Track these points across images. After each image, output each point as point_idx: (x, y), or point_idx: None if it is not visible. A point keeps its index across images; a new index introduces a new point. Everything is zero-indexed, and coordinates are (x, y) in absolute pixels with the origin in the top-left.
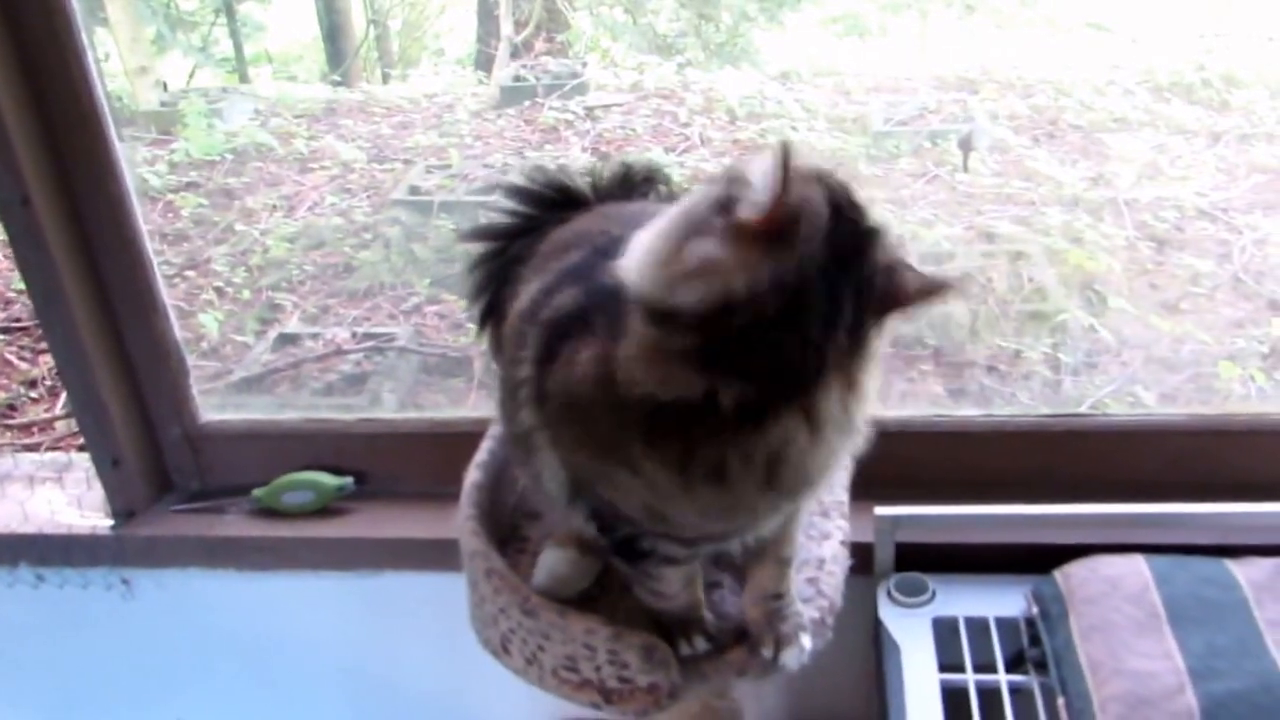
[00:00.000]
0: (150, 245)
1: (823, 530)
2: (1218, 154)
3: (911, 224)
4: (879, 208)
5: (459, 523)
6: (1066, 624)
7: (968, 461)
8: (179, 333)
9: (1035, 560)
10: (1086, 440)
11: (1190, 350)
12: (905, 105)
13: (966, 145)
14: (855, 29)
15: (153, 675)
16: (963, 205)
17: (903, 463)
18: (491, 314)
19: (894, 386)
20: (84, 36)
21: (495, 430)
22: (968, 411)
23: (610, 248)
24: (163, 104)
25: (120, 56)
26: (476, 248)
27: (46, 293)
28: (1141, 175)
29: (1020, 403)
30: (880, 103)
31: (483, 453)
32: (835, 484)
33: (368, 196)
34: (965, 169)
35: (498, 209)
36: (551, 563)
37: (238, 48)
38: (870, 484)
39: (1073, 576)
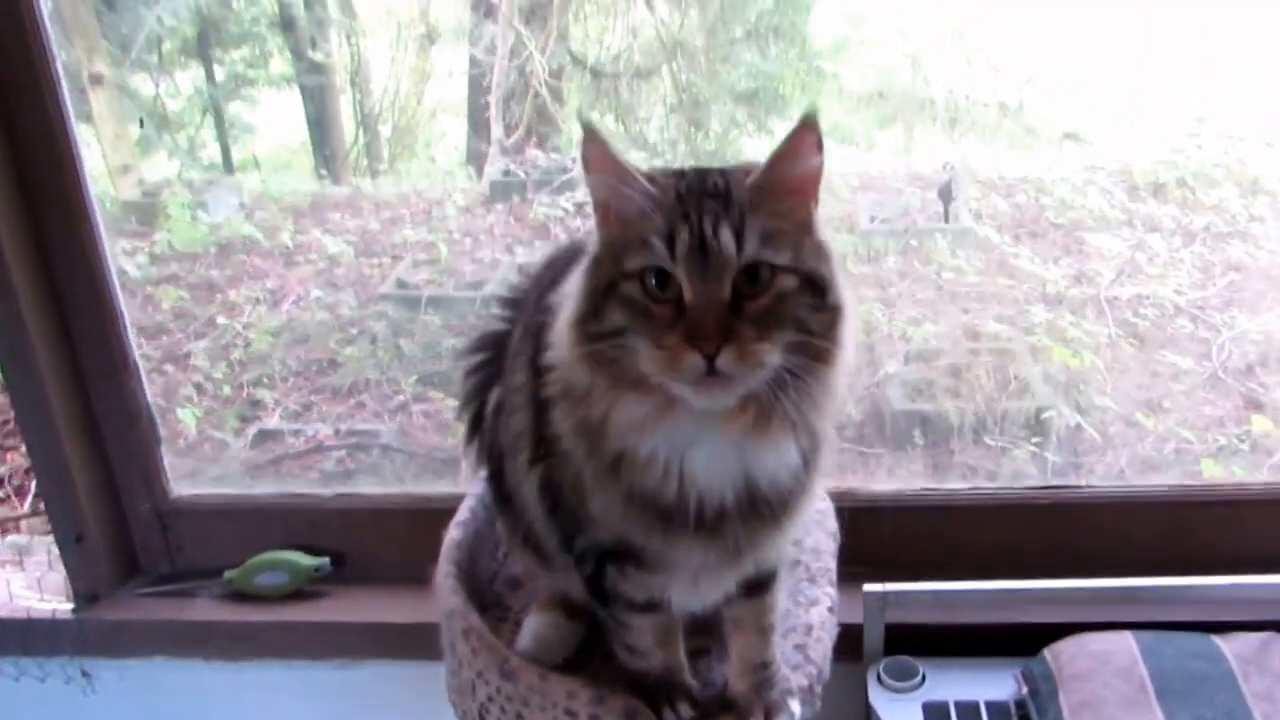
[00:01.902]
0: (122, 299)
1: (810, 596)
2: (1194, 252)
3: (900, 322)
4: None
5: (437, 579)
6: (1056, 702)
7: (956, 536)
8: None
9: (1025, 640)
10: (1073, 513)
11: (1174, 448)
12: (890, 205)
13: (946, 195)
14: (845, 139)
15: None
16: (949, 303)
17: (892, 539)
18: (479, 423)
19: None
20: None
21: (477, 489)
22: (955, 485)
23: None
24: (144, 194)
25: (103, 155)
26: (467, 359)
27: (11, 347)
28: (1121, 273)
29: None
30: (866, 201)
31: (463, 512)
32: (822, 550)
33: (354, 291)
34: (946, 219)
35: (489, 317)
36: (536, 627)
37: (225, 150)
38: (859, 561)
39: (1062, 654)
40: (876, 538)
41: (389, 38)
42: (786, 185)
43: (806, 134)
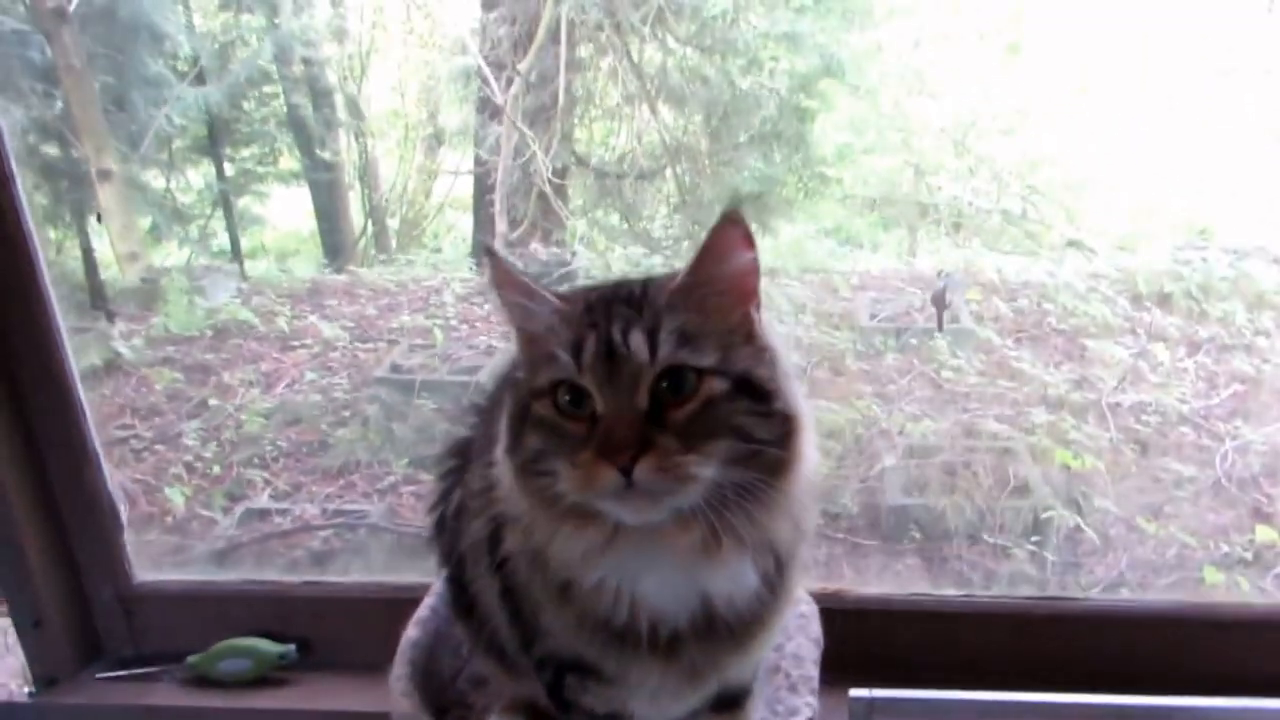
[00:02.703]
0: (83, 391)
1: (790, 706)
2: (1198, 362)
3: (899, 418)
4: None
5: (390, 682)
6: None
7: (948, 643)
8: (123, 493)
9: None
10: (1071, 625)
11: (1175, 553)
12: (891, 303)
13: (940, 301)
14: (848, 240)
15: None
16: (949, 403)
17: (881, 643)
18: (444, 524)
19: (876, 575)
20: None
21: (437, 587)
22: (949, 592)
23: None
24: (144, 280)
25: (111, 244)
26: (440, 465)
27: None
28: (1124, 380)
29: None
30: (866, 300)
31: (423, 609)
32: (803, 656)
33: (348, 375)
34: (940, 328)
35: (465, 425)
36: None
37: (234, 240)
38: (845, 666)
39: None
40: (864, 642)
41: (397, 137)
42: (715, 286)
43: (731, 229)
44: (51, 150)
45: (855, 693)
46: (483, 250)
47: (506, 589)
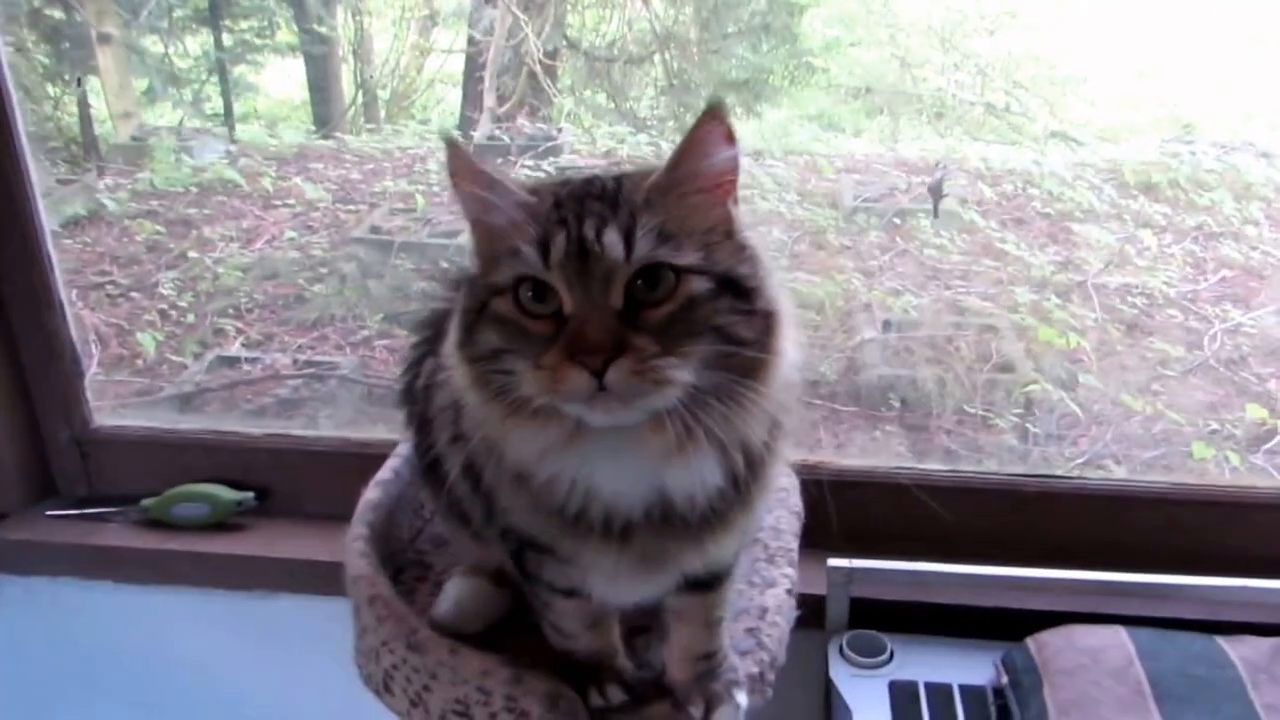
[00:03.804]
0: (50, 244)
1: (767, 578)
2: (1185, 248)
3: (879, 292)
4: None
5: (346, 542)
6: (1040, 696)
7: (932, 519)
8: (95, 336)
9: (1005, 626)
10: (1063, 503)
11: (1162, 429)
12: (875, 185)
13: (937, 191)
14: (831, 125)
15: (18, 691)
16: (931, 279)
17: (861, 516)
18: (413, 391)
19: (855, 443)
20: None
21: (403, 450)
22: (933, 466)
23: None
24: (134, 139)
25: (106, 101)
26: (413, 336)
27: None
28: (1109, 263)
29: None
30: (850, 181)
31: (386, 470)
32: (782, 529)
33: (328, 234)
34: (935, 214)
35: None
36: (457, 592)
37: (227, 105)
38: (825, 536)
39: (1047, 646)
40: (844, 514)
41: (393, 16)
42: (695, 184)
43: (713, 124)
44: (56, 14)
45: (834, 562)
46: (443, 139)
47: (469, 463)
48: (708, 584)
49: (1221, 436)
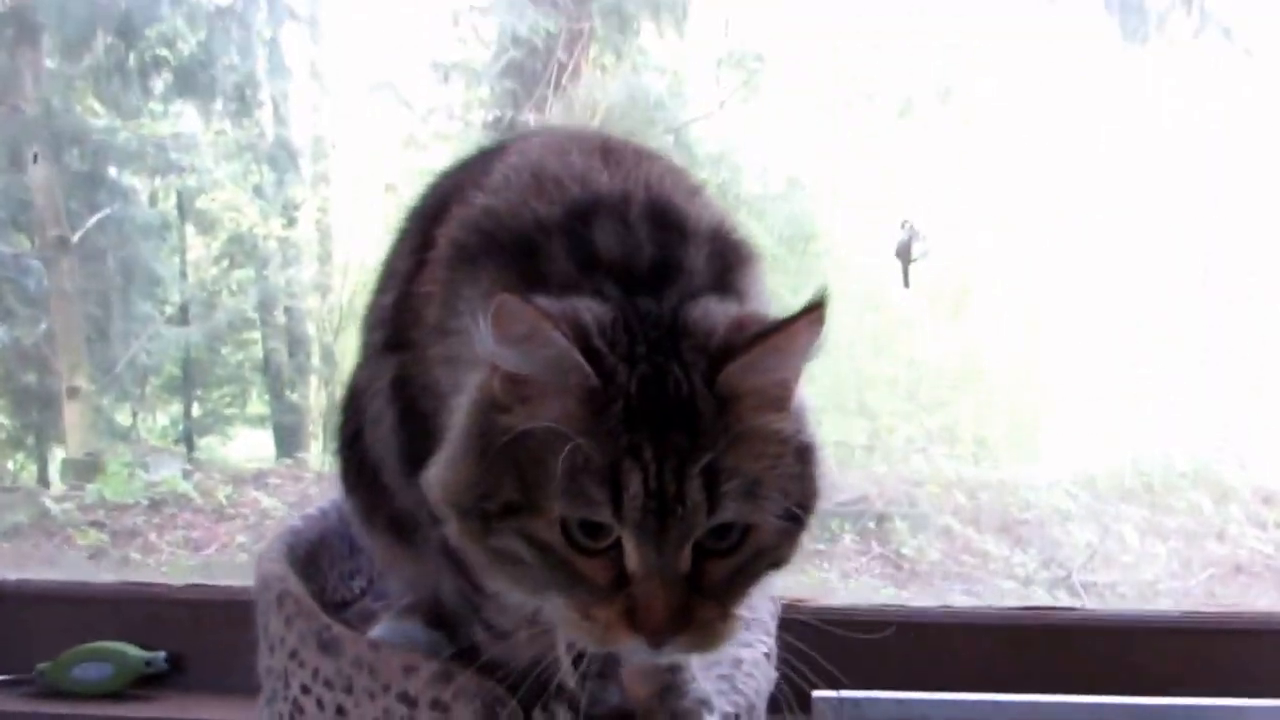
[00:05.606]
0: None
1: (743, 640)
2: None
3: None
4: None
5: (257, 560)
6: None
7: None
8: None
9: None
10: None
11: None
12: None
13: (905, 254)
14: None
15: None
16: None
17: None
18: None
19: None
20: None
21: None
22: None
23: None
24: (87, 454)
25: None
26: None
27: None
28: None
29: None
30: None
31: (313, 509)
32: (759, 610)
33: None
34: (906, 284)
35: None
36: (385, 636)
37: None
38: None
39: None
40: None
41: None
42: (775, 381)
43: (815, 321)
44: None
45: (819, 694)
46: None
47: (404, 405)
48: None
49: None
